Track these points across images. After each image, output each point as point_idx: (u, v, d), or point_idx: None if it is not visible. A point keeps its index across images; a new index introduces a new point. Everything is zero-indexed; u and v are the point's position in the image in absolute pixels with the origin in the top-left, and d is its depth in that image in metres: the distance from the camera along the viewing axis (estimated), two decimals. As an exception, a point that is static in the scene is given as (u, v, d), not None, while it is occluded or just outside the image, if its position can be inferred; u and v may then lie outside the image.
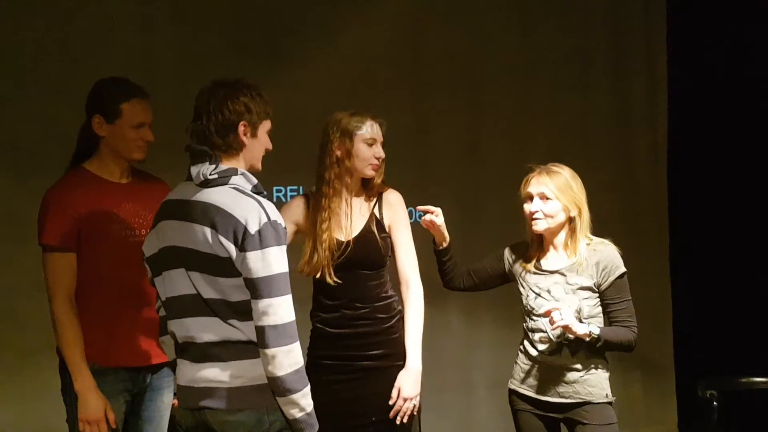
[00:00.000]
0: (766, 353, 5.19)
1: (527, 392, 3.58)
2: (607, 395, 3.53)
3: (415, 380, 3.48)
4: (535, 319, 3.53)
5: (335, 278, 3.46)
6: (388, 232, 3.55)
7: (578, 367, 3.49)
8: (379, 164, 3.52)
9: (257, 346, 2.75)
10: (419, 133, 5.40)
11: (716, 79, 5.66)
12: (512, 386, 3.64)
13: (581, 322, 3.42)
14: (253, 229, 2.72)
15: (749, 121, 5.61)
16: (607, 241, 3.55)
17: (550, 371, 3.52)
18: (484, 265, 3.74)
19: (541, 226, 3.51)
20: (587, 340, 3.40)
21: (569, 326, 3.35)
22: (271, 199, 3.59)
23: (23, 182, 4.62)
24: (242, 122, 2.85)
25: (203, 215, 2.78)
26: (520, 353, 3.63)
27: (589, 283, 3.47)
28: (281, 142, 3.03)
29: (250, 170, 2.90)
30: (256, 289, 2.72)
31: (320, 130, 3.59)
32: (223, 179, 2.82)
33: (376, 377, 3.48)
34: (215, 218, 2.76)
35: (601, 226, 3.62)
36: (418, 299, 3.53)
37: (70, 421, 3.32)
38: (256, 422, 2.78)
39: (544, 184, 3.50)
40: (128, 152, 3.36)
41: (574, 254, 3.51)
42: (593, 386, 3.50)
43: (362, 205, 3.56)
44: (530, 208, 3.52)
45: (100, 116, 3.32)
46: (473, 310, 5.40)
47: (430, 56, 5.48)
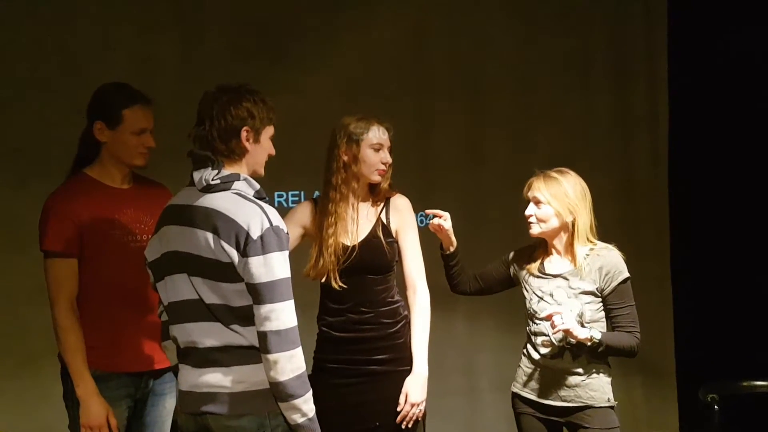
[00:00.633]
0: (767, 357, 5.17)
1: (530, 396, 3.59)
2: (609, 399, 3.52)
3: (422, 385, 3.48)
4: (537, 322, 3.53)
5: (341, 283, 3.47)
6: (395, 236, 3.55)
7: (580, 371, 3.49)
8: (386, 169, 3.52)
9: (259, 351, 2.74)
10: (420, 138, 5.38)
11: (717, 80, 5.64)
12: (515, 389, 3.65)
13: (583, 326, 3.42)
14: (255, 234, 2.72)
15: (750, 122, 5.58)
16: (611, 246, 3.55)
17: (552, 375, 3.52)
18: (489, 269, 3.76)
19: (534, 230, 3.55)
20: (588, 344, 3.40)
21: (570, 330, 3.35)
22: (272, 204, 3.59)
23: (24, 187, 4.60)
24: (245, 128, 2.84)
25: (205, 220, 2.78)
26: (523, 357, 3.63)
27: (591, 287, 3.47)
28: (283, 146, 3.01)
29: (252, 176, 2.90)
30: (258, 294, 2.72)
31: (322, 134, 3.60)
32: (225, 184, 2.82)
33: (382, 382, 3.48)
34: (217, 223, 2.76)
35: (601, 229, 3.61)
36: (424, 304, 3.53)
37: (72, 427, 3.32)
38: (258, 427, 2.78)
39: (538, 189, 3.53)
40: (129, 158, 3.36)
41: (573, 260, 3.52)
42: (595, 390, 3.50)
43: (369, 209, 3.56)
44: (526, 212, 3.56)
45: (101, 122, 3.32)
46: (477, 314, 5.39)
47: (431, 60, 5.47)
